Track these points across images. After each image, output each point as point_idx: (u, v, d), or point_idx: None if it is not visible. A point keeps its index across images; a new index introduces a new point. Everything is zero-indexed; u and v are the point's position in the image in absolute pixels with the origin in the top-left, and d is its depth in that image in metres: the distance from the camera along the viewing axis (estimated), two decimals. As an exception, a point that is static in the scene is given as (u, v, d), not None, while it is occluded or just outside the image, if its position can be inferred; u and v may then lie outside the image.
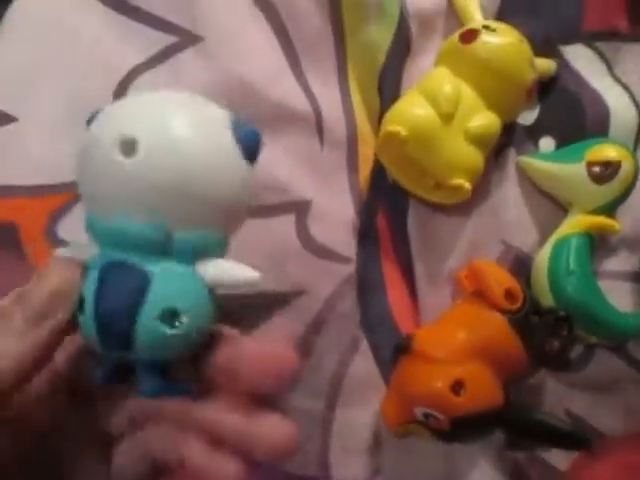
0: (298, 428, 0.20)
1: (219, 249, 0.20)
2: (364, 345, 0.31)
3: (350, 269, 0.31)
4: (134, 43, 0.33)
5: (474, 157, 0.29)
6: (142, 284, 0.18)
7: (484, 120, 0.29)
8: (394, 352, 0.29)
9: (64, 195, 0.30)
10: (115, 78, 0.32)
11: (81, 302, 0.19)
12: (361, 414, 0.30)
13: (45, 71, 0.32)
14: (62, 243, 0.29)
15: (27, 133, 0.31)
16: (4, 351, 0.18)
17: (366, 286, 0.31)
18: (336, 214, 0.32)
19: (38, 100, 0.31)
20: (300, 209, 0.31)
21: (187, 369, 0.20)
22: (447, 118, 0.28)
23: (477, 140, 0.29)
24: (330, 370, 0.30)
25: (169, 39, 0.33)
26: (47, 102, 0.31)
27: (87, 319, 0.18)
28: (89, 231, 0.19)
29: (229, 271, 0.19)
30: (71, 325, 0.19)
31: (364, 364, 0.30)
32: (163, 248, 0.18)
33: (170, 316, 0.18)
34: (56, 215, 0.30)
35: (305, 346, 0.30)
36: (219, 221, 0.19)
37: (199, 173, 0.18)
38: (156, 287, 0.18)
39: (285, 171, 0.31)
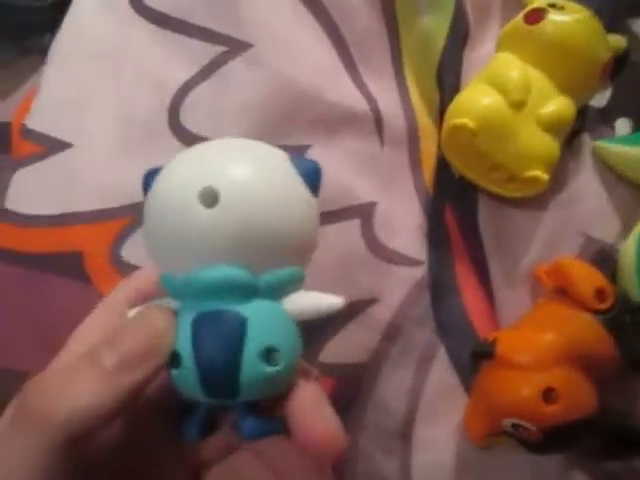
0: None
1: (299, 281, 0.20)
2: (441, 351, 0.29)
3: (421, 272, 0.30)
4: (181, 57, 0.32)
5: (549, 146, 0.27)
6: (240, 328, 0.18)
7: (558, 105, 0.27)
8: (474, 358, 0.27)
9: (126, 218, 0.29)
10: (166, 95, 0.31)
11: (174, 356, 0.18)
12: (442, 426, 0.28)
13: (94, 93, 0.31)
14: (127, 266, 0.29)
15: (82, 158, 0.30)
16: (87, 392, 0.17)
17: (439, 289, 0.29)
18: (402, 215, 0.30)
19: (90, 123, 0.31)
20: (365, 213, 0.30)
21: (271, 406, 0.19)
22: (518, 106, 0.27)
23: (551, 127, 0.27)
24: (407, 380, 0.29)
25: (217, 49, 0.32)
26: (99, 124, 0.31)
27: (186, 372, 0.18)
28: (167, 288, 0.19)
29: (314, 302, 0.20)
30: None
31: (442, 371, 0.29)
32: (248, 290, 0.19)
33: (269, 354, 0.18)
34: (119, 239, 0.29)
35: (380, 355, 0.29)
36: (297, 255, 0.20)
37: (277, 216, 0.19)
38: (253, 328, 0.18)
39: (346, 174, 0.30)
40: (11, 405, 0.19)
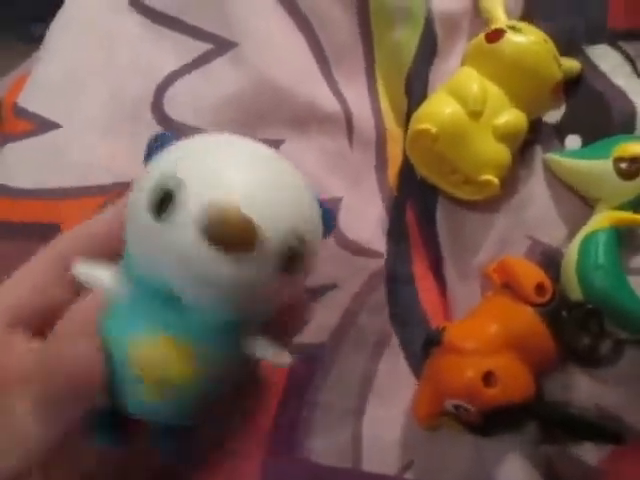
0: None
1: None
2: (394, 340, 0.31)
3: (380, 263, 0.32)
4: (170, 51, 0.34)
5: (502, 153, 0.30)
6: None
7: (511, 117, 0.30)
8: (424, 345, 0.29)
9: (108, 195, 0.31)
10: (152, 82, 0.33)
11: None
12: (392, 409, 0.30)
13: (85, 77, 0.33)
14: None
15: (70, 138, 0.32)
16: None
17: (396, 281, 0.32)
18: (366, 211, 0.32)
19: (79, 105, 0.33)
20: (331, 207, 0.32)
21: None
22: (475, 116, 0.29)
23: (504, 136, 0.29)
24: (361, 365, 0.31)
25: (204, 46, 0.34)
26: (88, 107, 0.33)
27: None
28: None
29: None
30: None
31: (394, 359, 0.31)
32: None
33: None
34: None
35: (337, 338, 0.31)
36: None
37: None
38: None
39: (316, 170, 0.32)
40: None
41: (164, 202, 0.16)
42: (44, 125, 0.32)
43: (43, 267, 0.22)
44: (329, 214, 0.19)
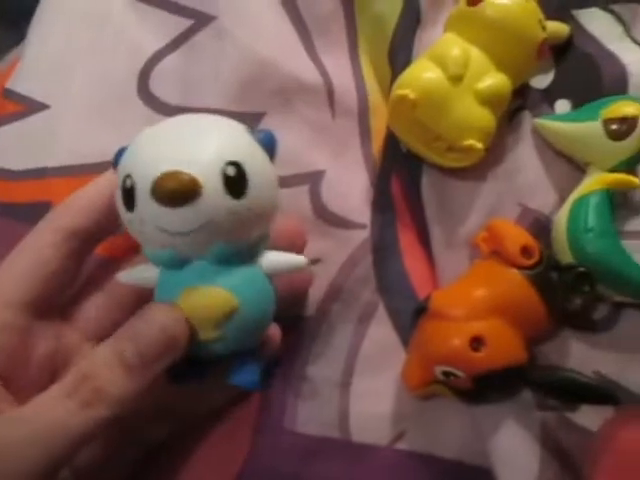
0: None
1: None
2: (381, 310, 0.31)
3: (365, 234, 0.31)
4: (155, 29, 0.34)
5: (485, 118, 0.29)
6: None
7: (493, 80, 0.29)
8: (413, 315, 0.29)
9: (97, 174, 0.31)
10: (137, 62, 0.33)
11: None
12: (380, 378, 0.30)
13: (73, 59, 0.33)
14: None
15: (59, 118, 0.32)
16: (112, 381, 0.20)
17: (382, 251, 0.31)
18: (350, 184, 0.32)
19: (69, 86, 0.33)
20: (313, 180, 0.32)
21: None
22: (456, 80, 0.29)
23: (487, 100, 0.29)
24: (347, 337, 0.30)
25: (186, 22, 0.34)
26: (76, 88, 0.33)
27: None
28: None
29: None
30: None
31: (381, 329, 0.31)
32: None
33: None
34: None
35: (322, 311, 0.31)
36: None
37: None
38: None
39: (298, 142, 0.32)
40: None
41: (130, 197, 0.21)
42: (33, 106, 0.33)
43: (43, 240, 0.24)
44: (267, 138, 0.22)
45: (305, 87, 0.32)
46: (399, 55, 0.33)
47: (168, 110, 0.33)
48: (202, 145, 0.21)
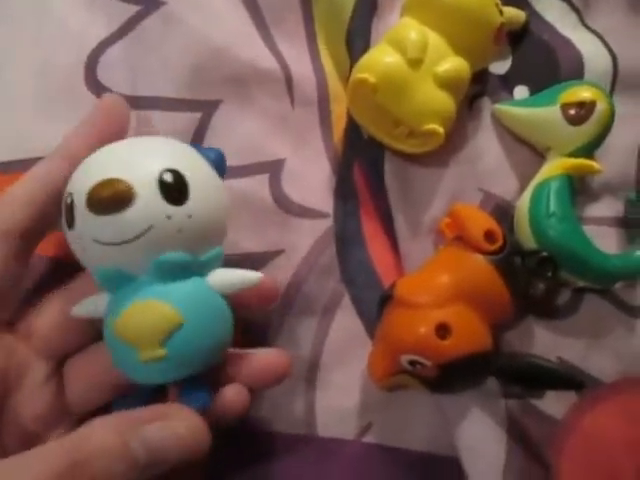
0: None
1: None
2: (346, 300, 0.30)
3: (328, 224, 0.31)
4: (102, 16, 0.32)
5: (445, 102, 0.29)
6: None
7: (452, 64, 0.29)
8: (379, 305, 0.28)
9: None
10: (83, 51, 0.32)
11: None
12: (346, 371, 0.29)
13: (15, 48, 0.31)
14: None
15: (1, 112, 0.30)
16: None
17: (345, 240, 0.31)
18: (311, 172, 0.31)
19: (10, 78, 0.31)
20: (273, 169, 0.31)
21: None
22: (415, 64, 0.28)
23: (446, 84, 0.29)
24: (312, 329, 0.30)
25: (133, 8, 0.32)
26: (19, 79, 0.31)
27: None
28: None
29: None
30: None
31: (347, 319, 0.30)
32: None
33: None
34: None
35: (285, 306, 0.30)
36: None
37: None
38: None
39: (256, 131, 0.31)
40: None
41: (71, 214, 0.21)
42: None
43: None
44: (215, 155, 0.23)
45: (262, 75, 0.31)
46: (357, 41, 0.32)
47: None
48: (139, 156, 0.21)
